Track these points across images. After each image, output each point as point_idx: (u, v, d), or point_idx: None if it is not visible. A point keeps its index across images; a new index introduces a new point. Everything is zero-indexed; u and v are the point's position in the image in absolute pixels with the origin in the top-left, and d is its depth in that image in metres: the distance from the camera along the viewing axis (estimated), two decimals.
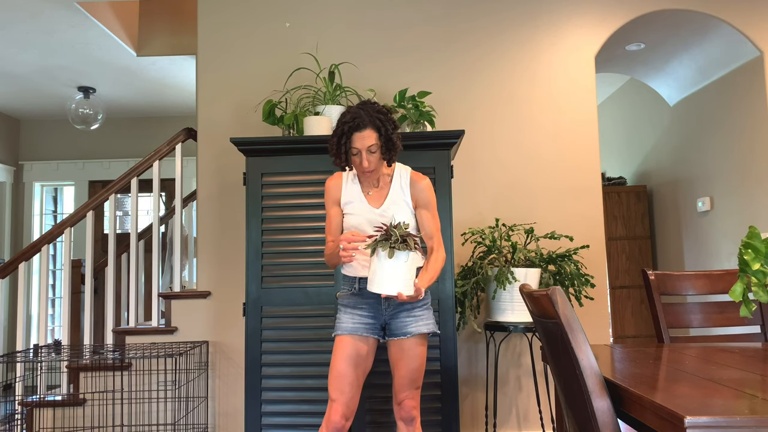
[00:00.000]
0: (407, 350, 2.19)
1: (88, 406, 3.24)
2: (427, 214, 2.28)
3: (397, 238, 1.98)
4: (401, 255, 1.97)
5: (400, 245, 1.97)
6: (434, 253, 2.23)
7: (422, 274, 2.15)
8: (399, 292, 1.98)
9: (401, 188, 2.28)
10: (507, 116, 3.44)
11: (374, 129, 2.13)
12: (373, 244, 2.01)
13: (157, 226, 3.50)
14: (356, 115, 2.13)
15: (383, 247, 1.98)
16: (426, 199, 2.27)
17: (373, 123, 2.13)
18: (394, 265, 1.98)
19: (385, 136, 2.15)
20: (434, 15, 3.50)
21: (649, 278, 2.23)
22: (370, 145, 2.12)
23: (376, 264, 2.00)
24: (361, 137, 2.12)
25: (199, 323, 3.34)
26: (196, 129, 3.50)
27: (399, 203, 2.27)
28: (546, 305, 1.42)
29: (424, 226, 2.28)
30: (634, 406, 1.23)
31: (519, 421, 3.27)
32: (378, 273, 2.01)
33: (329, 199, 2.33)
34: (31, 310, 5.79)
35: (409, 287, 2.02)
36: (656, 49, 3.99)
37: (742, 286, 1.56)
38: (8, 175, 6.03)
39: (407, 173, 2.29)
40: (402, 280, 1.99)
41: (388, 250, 1.97)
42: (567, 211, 3.39)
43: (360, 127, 2.12)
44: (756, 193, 3.70)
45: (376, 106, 2.18)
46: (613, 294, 4.97)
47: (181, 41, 4.39)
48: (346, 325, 2.21)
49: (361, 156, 2.14)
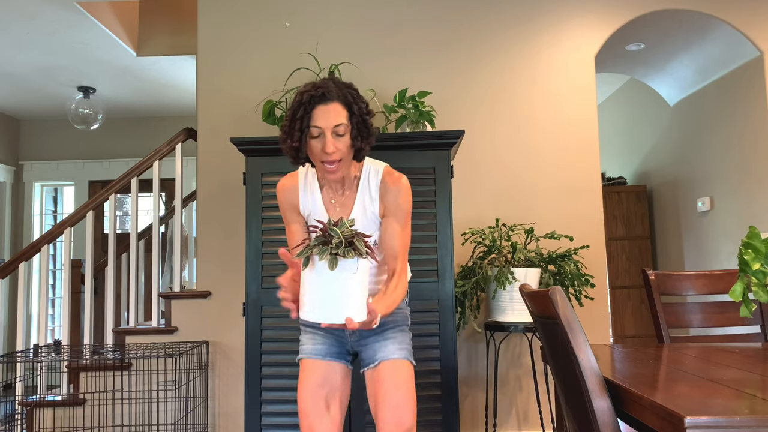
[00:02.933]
0: (383, 381, 1.69)
1: (88, 406, 3.24)
2: (393, 226, 1.73)
3: (340, 240, 1.40)
4: (347, 264, 1.40)
5: (346, 250, 1.40)
6: (396, 277, 1.70)
7: (379, 297, 1.63)
8: (348, 319, 1.41)
9: (370, 195, 1.76)
10: (507, 116, 3.44)
11: (343, 104, 1.65)
12: (306, 250, 1.42)
13: (157, 226, 3.50)
14: (321, 85, 1.64)
15: (321, 254, 1.40)
16: (397, 207, 1.73)
17: (343, 97, 1.66)
18: (339, 279, 1.40)
19: (358, 116, 1.67)
20: (434, 15, 3.50)
21: (649, 278, 2.23)
22: (337, 125, 1.62)
23: (312, 280, 1.42)
24: (325, 112, 1.62)
25: (199, 323, 3.34)
26: (196, 129, 3.50)
27: (368, 216, 1.77)
28: (546, 305, 1.42)
29: (388, 242, 1.73)
30: (634, 406, 1.23)
31: (519, 421, 3.27)
32: (315, 292, 1.42)
33: (287, 208, 1.81)
34: (31, 310, 5.79)
35: (361, 310, 1.43)
36: (656, 49, 3.99)
37: (742, 286, 1.56)
38: (8, 175, 6.03)
39: (378, 172, 1.77)
40: (352, 301, 1.42)
41: (328, 259, 1.39)
42: (567, 211, 3.39)
43: (325, 99, 1.62)
44: (756, 193, 3.70)
45: (345, 82, 1.72)
46: (613, 294, 4.97)
47: (181, 41, 4.39)
48: (307, 346, 1.79)
49: (324, 139, 1.63)
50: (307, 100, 1.63)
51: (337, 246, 1.40)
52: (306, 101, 1.63)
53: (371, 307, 1.47)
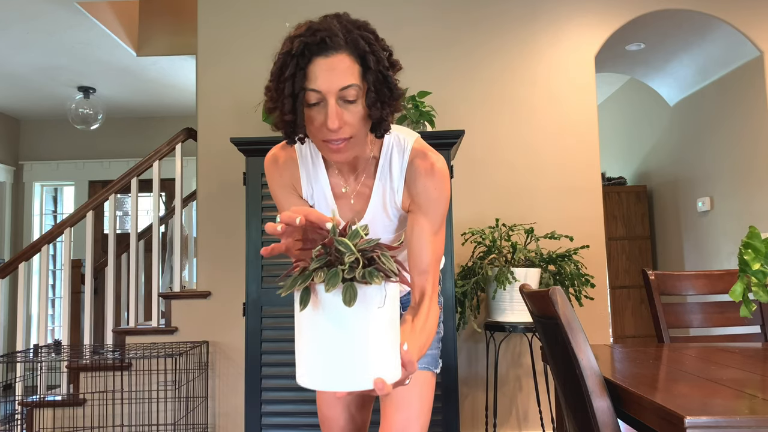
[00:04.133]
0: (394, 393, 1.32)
1: (88, 406, 3.24)
2: (423, 227, 1.23)
3: (355, 257, 0.86)
4: (371, 294, 0.85)
5: (366, 272, 0.85)
6: (427, 302, 1.17)
7: (410, 337, 1.06)
8: (378, 380, 0.84)
9: (391, 184, 1.27)
10: (507, 116, 3.44)
11: (354, 55, 1.12)
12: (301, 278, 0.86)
13: (157, 226, 3.50)
14: (321, 27, 1.13)
15: (328, 283, 0.83)
16: (426, 200, 1.24)
17: (353, 45, 1.12)
18: (359, 320, 0.85)
19: (376, 71, 1.12)
20: (434, 15, 3.50)
21: (649, 278, 2.23)
22: (344, 87, 1.10)
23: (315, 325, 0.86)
24: (327, 68, 1.10)
25: (199, 323, 3.34)
26: (196, 129, 3.50)
27: (389, 211, 1.31)
28: (546, 305, 1.42)
29: (415, 249, 1.22)
30: (634, 406, 1.23)
31: (519, 421, 3.27)
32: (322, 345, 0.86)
33: (281, 189, 1.32)
34: (31, 310, 5.79)
35: (394, 364, 0.89)
36: (656, 49, 3.99)
37: (742, 286, 1.56)
38: (8, 175, 6.03)
39: (405, 151, 1.27)
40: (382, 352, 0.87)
41: (340, 289, 0.84)
42: (567, 211, 3.39)
43: (327, 48, 1.10)
44: (756, 193, 3.70)
45: (356, 20, 1.18)
46: (613, 294, 4.97)
47: (181, 41, 4.39)
48: None
49: (325, 108, 1.11)
50: (300, 51, 1.11)
51: (352, 267, 0.86)
52: (299, 51, 1.11)
53: (407, 357, 0.92)
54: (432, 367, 1.43)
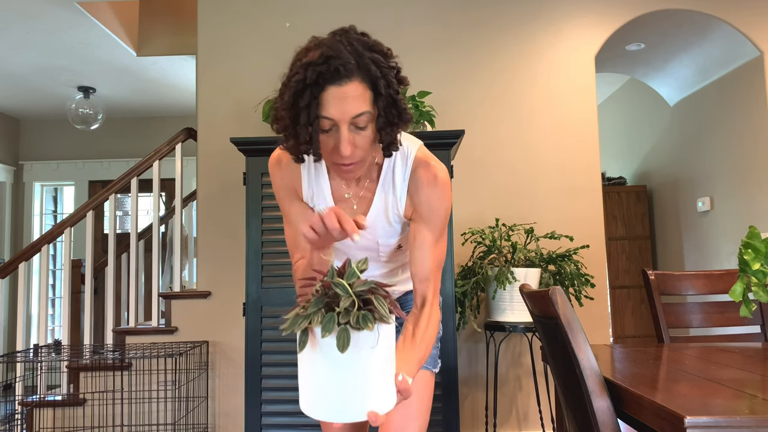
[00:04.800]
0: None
1: (88, 406, 3.24)
2: (425, 236, 1.27)
3: (351, 300, 0.92)
4: (364, 339, 0.92)
5: (361, 316, 0.91)
6: (427, 309, 1.23)
7: (408, 351, 1.14)
8: (371, 413, 0.93)
9: (394, 191, 1.30)
10: (507, 116, 3.44)
11: (366, 82, 1.13)
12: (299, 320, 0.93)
13: (157, 226, 3.50)
14: (333, 54, 1.10)
15: (324, 328, 0.91)
16: (428, 210, 1.28)
17: (365, 71, 1.12)
18: (354, 362, 0.92)
19: (387, 97, 1.14)
20: (434, 15, 3.50)
21: (649, 278, 2.23)
22: (357, 115, 1.12)
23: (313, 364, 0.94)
24: (340, 97, 1.10)
25: (199, 323, 3.34)
26: (196, 129, 3.50)
27: (390, 217, 1.32)
28: (546, 305, 1.42)
29: (417, 257, 1.27)
30: (634, 406, 1.23)
31: (519, 421, 3.27)
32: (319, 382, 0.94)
33: (284, 191, 1.35)
34: (31, 310, 5.79)
35: (388, 396, 0.97)
36: (656, 49, 3.99)
37: (742, 286, 1.56)
38: (8, 175, 6.03)
39: (408, 160, 1.29)
40: (375, 388, 0.95)
41: (336, 334, 0.91)
42: (567, 211, 3.39)
43: (340, 77, 1.10)
44: (756, 193, 3.70)
45: (366, 40, 1.16)
46: (613, 294, 4.97)
47: (181, 41, 4.39)
48: None
49: (337, 134, 1.14)
50: (313, 80, 1.10)
51: (347, 311, 0.91)
52: (312, 81, 1.10)
53: (402, 385, 0.99)
54: (431, 367, 1.44)
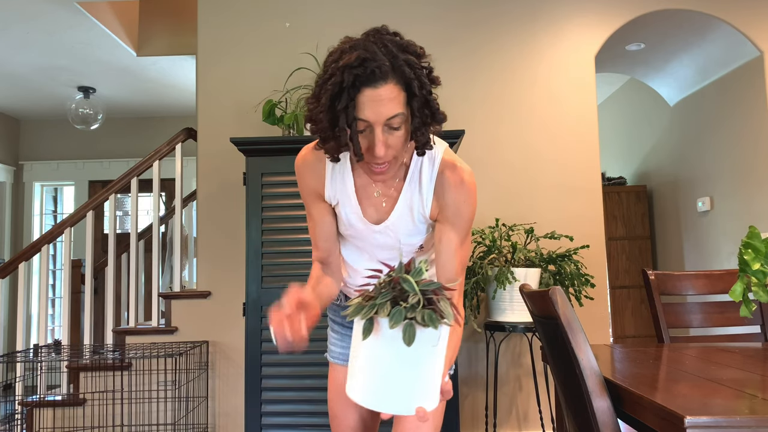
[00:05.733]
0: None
1: (88, 406, 3.24)
2: (450, 237, 1.31)
3: (418, 299, 0.96)
4: (428, 336, 0.96)
5: (426, 314, 0.95)
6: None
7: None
8: (420, 410, 0.98)
9: (420, 192, 1.32)
10: (507, 116, 3.44)
11: (401, 84, 1.15)
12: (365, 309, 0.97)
13: (157, 226, 3.50)
14: (368, 56, 1.12)
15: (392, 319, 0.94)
16: (455, 212, 1.31)
17: (400, 73, 1.14)
18: (414, 356, 0.96)
19: (421, 97, 1.16)
20: (434, 15, 3.50)
21: (649, 278, 2.23)
22: (391, 117, 1.15)
23: (373, 352, 0.98)
24: (376, 99, 1.13)
25: (199, 323, 3.34)
26: (196, 129, 3.50)
27: (415, 217, 1.34)
28: (546, 305, 1.42)
29: (442, 259, 1.31)
30: (634, 406, 1.23)
31: (519, 421, 3.27)
32: (377, 370, 0.98)
33: (306, 190, 1.39)
34: (31, 310, 5.79)
35: (436, 394, 1.01)
36: (656, 49, 3.99)
37: (742, 286, 1.56)
38: (8, 175, 6.03)
39: (435, 161, 1.31)
40: (429, 385, 0.99)
41: (402, 327, 0.95)
42: (567, 211, 3.39)
43: (376, 78, 1.12)
44: (756, 193, 3.70)
45: (399, 40, 1.18)
46: (613, 294, 4.97)
47: (181, 41, 4.39)
48: (335, 349, 1.57)
49: (371, 135, 1.17)
50: (351, 83, 1.11)
51: (414, 308, 0.94)
52: (350, 84, 1.11)
53: (446, 386, 1.04)
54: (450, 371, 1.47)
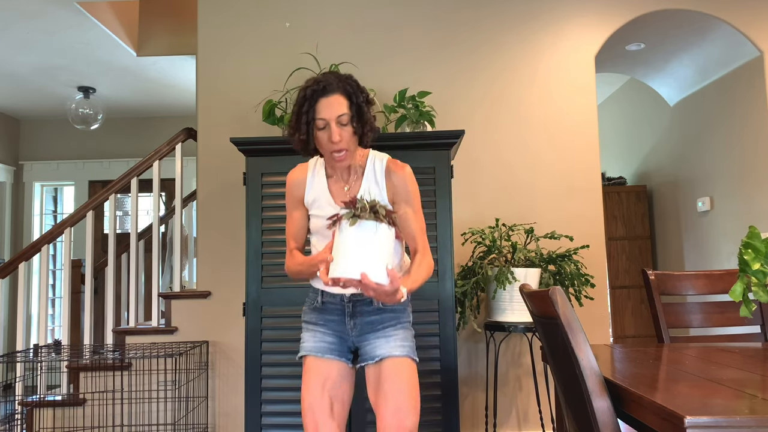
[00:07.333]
0: (384, 382, 1.77)
1: (88, 406, 3.24)
2: (406, 211, 1.87)
3: (363, 205, 1.61)
4: (367, 225, 1.58)
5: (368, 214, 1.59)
6: (419, 256, 1.84)
7: (409, 274, 1.79)
8: (363, 274, 1.54)
9: (375, 181, 1.88)
10: (507, 116, 3.44)
11: (344, 95, 1.77)
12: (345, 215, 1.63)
13: (157, 226, 3.50)
14: (322, 79, 1.78)
15: (346, 218, 1.60)
16: (406, 192, 1.87)
17: (343, 88, 1.78)
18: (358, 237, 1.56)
19: (357, 105, 1.79)
20: (435, 15, 3.50)
21: (649, 278, 2.23)
22: (340, 115, 1.75)
23: (337, 240, 1.60)
24: (328, 104, 1.75)
25: (199, 323, 3.34)
26: (196, 129, 3.50)
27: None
28: (546, 305, 1.42)
29: (406, 227, 1.88)
30: (634, 406, 1.23)
31: (519, 421, 3.27)
32: (338, 250, 1.59)
33: (291, 199, 1.95)
34: (31, 310, 5.79)
35: (379, 272, 1.56)
36: (656, 49, 3.99)
37: (742, 286, 1.56)
38: (8, 175, 6.03)
39: (383, 161, 1.89)
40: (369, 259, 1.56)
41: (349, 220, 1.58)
42: (567, 211, 3.39)
43: (327, 92, 1.76)
44: (756, 193, 3.70)
45: (345, 75, 1.84)
46: (613, 294, 4.97)
47: (181, 41, 4.39)
48: (308, 344, 1.87)
49: (329, 129, 1.75)
50: (311, 95, 1.76)
51: (362, 210, 1.60)
52: (309, 96, 1.76)
53: (393, 273, 1.58)
54: (415, 357, 1.85)
